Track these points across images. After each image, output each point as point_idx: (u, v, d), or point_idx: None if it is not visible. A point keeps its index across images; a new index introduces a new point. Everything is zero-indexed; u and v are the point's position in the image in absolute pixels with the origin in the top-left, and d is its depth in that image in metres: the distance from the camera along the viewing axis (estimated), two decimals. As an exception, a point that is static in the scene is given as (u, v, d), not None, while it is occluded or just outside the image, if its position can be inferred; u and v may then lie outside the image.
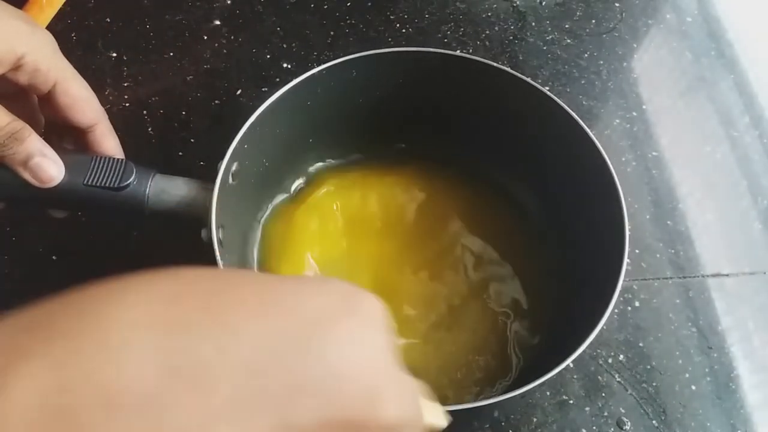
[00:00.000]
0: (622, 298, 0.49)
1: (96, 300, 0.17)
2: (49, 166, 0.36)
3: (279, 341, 0.17)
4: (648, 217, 0.54)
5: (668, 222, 0.53)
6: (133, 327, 0.16)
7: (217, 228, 0.38)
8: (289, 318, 0.18)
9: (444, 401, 0.41)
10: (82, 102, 0.38)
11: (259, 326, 0.17)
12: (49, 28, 0.58)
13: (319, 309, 0.18)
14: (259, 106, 0.42)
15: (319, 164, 0.51)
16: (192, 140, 0.54)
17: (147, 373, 0.16)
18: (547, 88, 0.57)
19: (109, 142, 0.40)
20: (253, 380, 0.16)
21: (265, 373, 0.17)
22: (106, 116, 0.40)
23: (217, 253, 0.37)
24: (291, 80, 0.43)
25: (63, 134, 0.40)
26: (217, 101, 0.56)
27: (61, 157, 0.37)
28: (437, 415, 0.22)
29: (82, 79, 0.39)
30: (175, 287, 0.18)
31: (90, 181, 0.38)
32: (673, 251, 0.52)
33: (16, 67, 0.35)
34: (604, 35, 0.64)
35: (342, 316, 0.18)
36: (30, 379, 0.15)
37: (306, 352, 0.17)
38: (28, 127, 0.36)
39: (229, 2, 0.63)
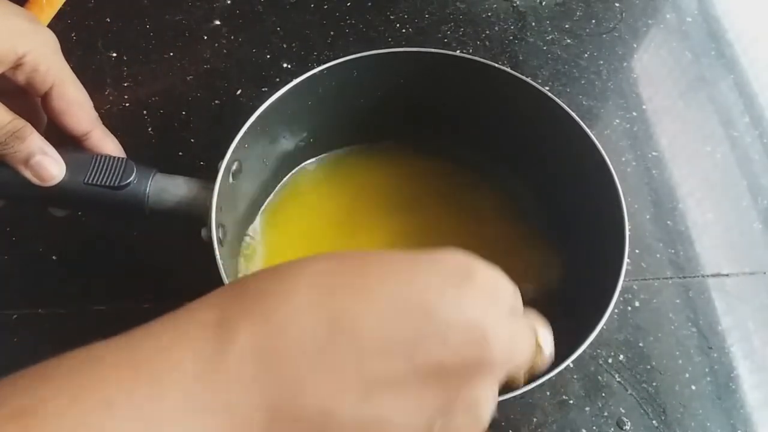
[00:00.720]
0: (622, 298, 0.49)
1: (289, 273, 0.24)
2: (50, 165, 0.36)
3: (407, 303, 0.23)
4: (648, 217, 0.54)
5: (668, 222, 0.53)
6: (307, 293, 0.23)
7: (217, 227, 0.38)
8: (415, 285, 0.23)
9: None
10: (76, 108, 0.38)
11: (392, 292, 0.23)
12: (49, 27, 0.59)
13: (438, 277, 0.24)
14: (259, 106, 0.42)
15: (319, 163, 0.51)
16: (192, 140, 0.54)
17: (317, 325, 0.22)
18: (547, 88, 0.57)
19: (107, 146, 0.40)
20: (387, 330, 0.22)
21: (395, 325, 0.22)
22: (100, 122, 0.40)
23: (217, 253, 0.37)
24: (291, 80, 0.43)
25: (63, 135, 0.40)
26: (217, 101, 0.56)
27: (62, 156, 0.37)
28: (546, 342, 0.27)
29: (80, 83, 0.38)
30: (336, 266, 0.24)
31: (90, 179, 0.38)
32: (673, 251, 0.52)
33: (16, 65, 0.35)
34: (604, 35, 0.64)
35: (455, 282, 0.24)
36: (248, 328, 0.22)
37: (426, 311, 0.22)
38: (29, 125, 0.36)
39: (229, 2, 0.63)
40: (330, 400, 0.21)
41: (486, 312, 0.24)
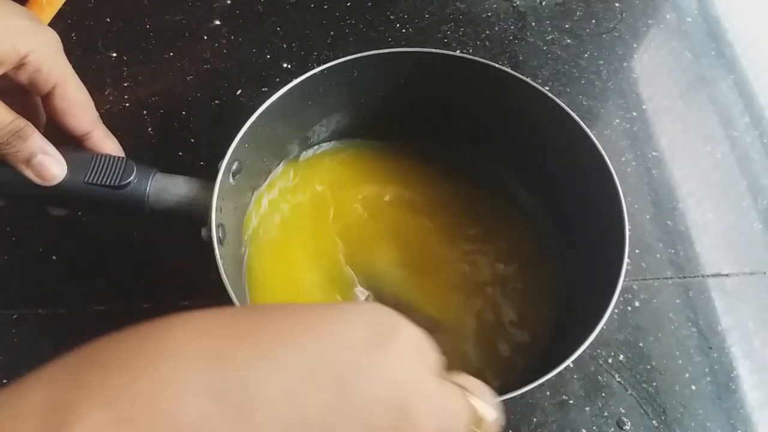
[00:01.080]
0: (622, 298, 0.49)
1: (148, 337, 0.19)
2: (51, 165, 0.36)
3: (316, 371, 0.19)
4: (648, 217, 0.54)
5: (668, 222, 0.53)
6: (184, 360, 0.18)
7: (217, 227, 0.38)
8: (325, 349, 0.19)
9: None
10: (77, 108, 0.38)
11: (297, 358, 0.19)
12: (49, 27, 0.59)
13: (353, 338, 0.20)
14: (259, 106, 0.41)
15: (319, 163, 0.51)
16: (192, 140, 0.54)
17: (197, 402, 0.17)
18: (547, 88, 0.57)
19: (107, 146, 0.40)
20: (293, 406, 0.18)
21: (304, 398, 0.18)
22: (101, 123, 0.40)
23: (217, 252, 0.37)
24: (291, 80, 0.43)
25: (63, 135, 0.40)
26: (217, 101, 0.56)
27: (62, 155, 0.37)
28: (486, 409, 0.23)
29: (81, 84, 0.38)
30: (220, 323, 0.20)
31: (91, 179, 0.38)
32: (673, 251, 0.52)
33: (19, 65, 0.35)
34: (604, 35, 0.64)
35: (374, 343, 0.20)
36: (91, 415, 0.16)
37: (340, 381, 0.19)
38: (30, 125, 0.36)
39: (229, 2, 0.63)
40: None
41: (411, 379, 0.20)
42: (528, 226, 0.48)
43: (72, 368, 0.18)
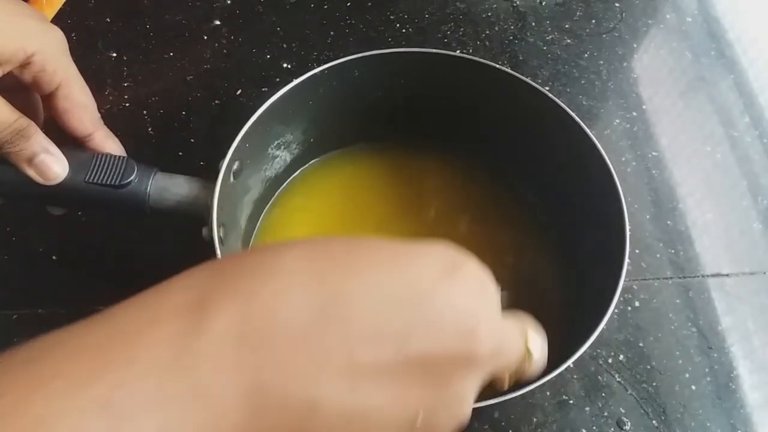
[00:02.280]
0: (622, 298, 0.49)
1: (265, 258, 0.22)
2: (53, 164, 0.37)
3: (399, 291, 0.22)
4: (648, 217, 0.54)
5: (668, 222, 0.54)
6: (295, 276, 0.22)
7: (218, 226, 0.38)
8: (407, 274, 0.23)
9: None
10: (80, 109, 0.38)
11: (384, 279, 0.22)
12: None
13: (429, 266, 0.23)
14: (259, 106, 0.42)
15: (319, 163, 0.51)
16: (192, 140, 0.54)
17: (305, 308, 0.21)
18: (547, 88, 0.57)
19: (108, 148, 0.40)
20: (378, 318, 0.21)
21: (387, 313, 0.21)
22: (103, 124, 0.40)
23: (218, 252, 0.37)
24: (291, 80, 0.43)
25: (64, 134, 0.40)
26: (217, 101, 0.56)
27: (64, 155, 0.37)
28: (536, 346, 0.26)
29: (85, 85, 0.38)
30: (322, 249, 0.23)
31: (91, 178, 0.38)
32: (673, 251, 0.52)
33: (24, 64, 0.35)
34: (604, 35, 0.64)
35: (446, 272, 0.23)
36: (227, 313, 0.20)
37: (421, 302, 0.22)
38: (33, 124, 0.36)
39: (229, 2, 0.63)
40: (316, 390, 0.20)
41: (477, 306, 0.23)
42: (528, 225, 0.48)
43: (209, 277, 0.22)
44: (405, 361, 0.21)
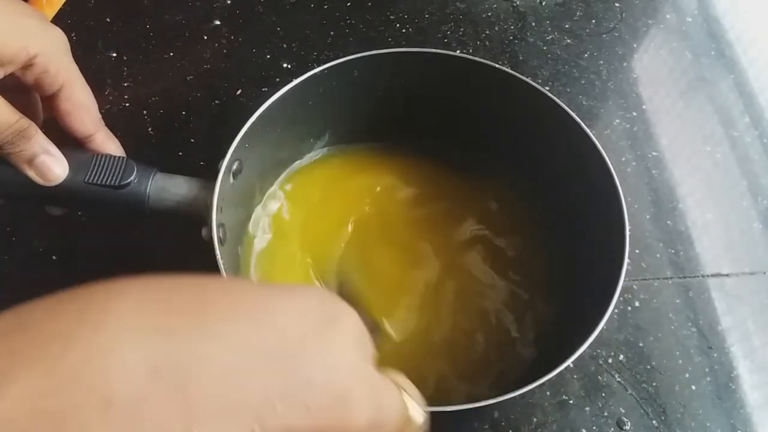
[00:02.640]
0: (622, 298, 0.49)
1: (87, 304, 0.18)
2: (53, 165, 0.37)
3: (257, 351, 0.18)
4: (648, 217, 0.54)
5: (668, 222, 0.53)
6: (122, 332, 0.17)
7: (218, 227, 0.38)
8: (269, 329, 0.19)
9: (442, 395, 0.41)
10: (82, 111, 0.38)
11: (239, 336, 0.18)
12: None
13: (297, 321, 0.20)
14: (259, 106, 0.42)
15: (319, 163, 0.51)
16: (192, 140, 0.54)
17: (133, 377, 0.16)
18: (547, 88, 0.57)
19: (108, 148, 0.40)
20: (230, 386, 0.17)
21: (242, 380, 0.18)
22: (104, 125, 0.40)
23: (218, 252, 0.37)
24: (291, 80, 0.43)
25: (64, 135, 0.40)
26: (217, 101, 0.56)
27: (64, 155, 0.37)
28: (417, 410, 0.23)
29: (87, 86, 0.38)
30: (162, 295, 0.19)
31: (91, 179, 0.38)
32: (673, 251, 0.52)
33: (26, 65, 0.35)
34: (604, 35, 0.64)
35: (318, 328, 0.20)
36: (21, 384, 0.16)
37: (282, 362, 0.18)
38: (34, 125, 0.36)
39: (229, 2, 0.63)
40: None
41: (352, 369, 0.20)
42: (527, 225, 0.48)
43: (6, 334, 0.17)
44: None
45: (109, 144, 0.40)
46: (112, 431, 0.16)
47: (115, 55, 0.58)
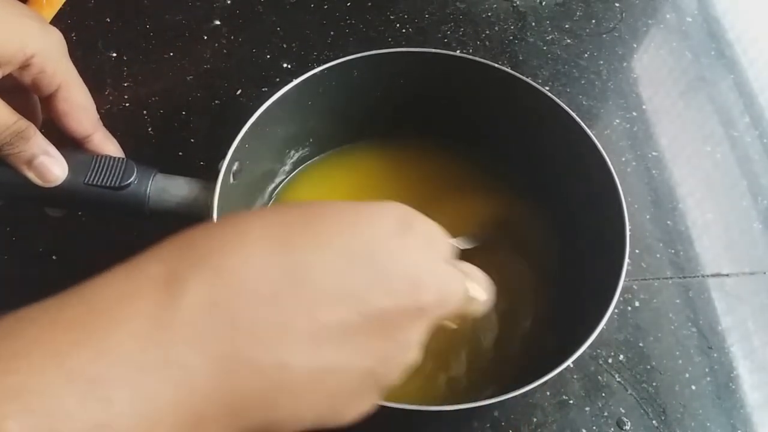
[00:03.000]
0: (622, 298, 0.49)
1: (228, 227, 0.24)
2: (53, 166, 0.37)
3: (356, 254, 0.24)
4: (648, 217, 0.54)
5: (668, 222, 0.53)
6: (259, 243, 0.23)
7: (218, 228, 0.38)
8: (362, 236, 0.25)
9: (442, 395, 0.41)
10: (80, 111, 0.38)
11: (341, 243, 0.24)
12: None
13: (380, 229, 0.25)
14: (259, 106, 0.42)
15: (319, 163, 0.51)
16: (192, 140, 0.54)
17: (270, 275, 0.22)
18: (547, 88, 0.57)
19: (107, 149, 0.40)
20: (338, 280, 0.23)
21: (346, 275, 0.23)
22: (102, 125, 0.40)
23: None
24: (291, 80, 0.43)
25: (63, 136, 0.40)
26: (217, 101, 0.56)
27: (63, 156, 0.37)
28: (478, 292, 0.28)
29: (85, 86, 0.38)
30: (280, 218, 0.25)
31: (91, 180, 0.38)
32: (673, 251, 0.52)
33: (24, 66, 0.35)
34: (604, 35, 0.64)
35: (395, 233, 0.25)
36: (199, 282, 0.22)
37: (374, 261, 0.24)
38: (33, 126, 0.36)
39: (229, 2, 0.63)
40: (285, 353, 0.22)
41: (423, 260, 0.25)
42: (528, 225, 0.48)
43: (180, 249, 0.23)
44: (363, 319, 0.23)
45: (107, 144, 0.40)
46: (262, 319, 0.22)
47: (115, 55, 0.58)
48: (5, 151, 0.35)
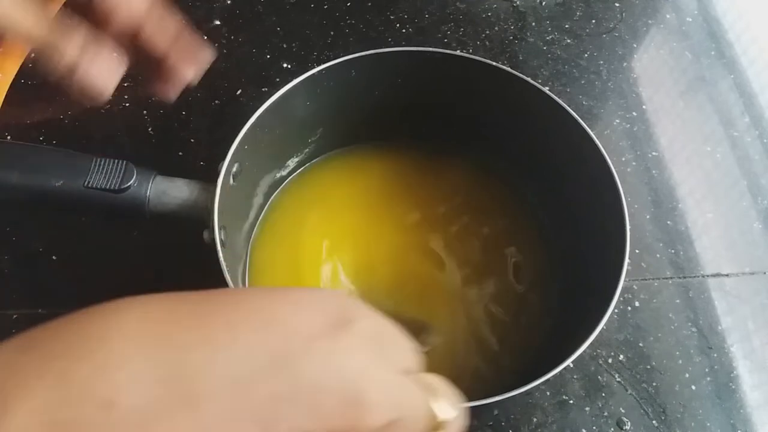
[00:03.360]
0: (622, 298, 0.49)
1: (91, 320, 0.18)
2: (100, 74, 0.30)
3: (263, 357, 0.18)
4: (648, 217, 0.54)
5: (668, 222, 0.53)
6: (127, 344, 0.17)
7: (219, 229, 0.38)
8: (274, 334, 0.19)
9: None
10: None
11: (244, 342, 0.18)
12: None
13: (305, 324, 0.19)
14: (259, 106, 0.41)
15: (319, 163, 0.51)
16: (192, 140, 0.54)
17: (140, 386, 0.16)
18: (547, 88, 0.57)
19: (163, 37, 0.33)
20: (240, 392, 0.17)
21: (249, 385, 0.17)
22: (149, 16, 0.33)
23: (220, 254, 0.37)
24: (291, 80, 0.43)
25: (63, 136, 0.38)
26: (217, 101, 0.56)
27: (61, 160, 0.37)
28: (447, 412, 0.22)
29: None
30: (166, 307, 0.19)
31: (90, 183, 0.37)
32: (673, 251, 0.52)
33: None
34: (604, 35, 0.64)
35: (327, 330, 0.19)
36: (31, 399, 0.16)
37: (290, 366, 0.18)
38: (72, 33, 0.30)
39: (229, 2, 0.63)
40: None
41: (365, 369, 0.19)
42: (527, 225, 0.48)
43: (9, 356, 0.17)
44: None
45: (163, 31, 0.33)
46: None
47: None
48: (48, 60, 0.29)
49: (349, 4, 0.63)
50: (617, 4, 0.66)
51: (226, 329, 0.18)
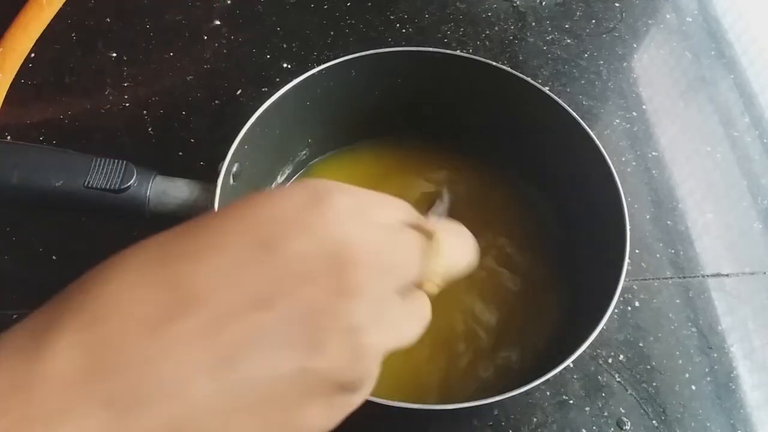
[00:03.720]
0: (622, 298, 0.49)
1: (106, 265, 0.20)
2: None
3: (251, 244, 0.20)
4: (648, 217, 0.54)
5: (668, 222, 0.54)
6: (136, 270, 0.20)
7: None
8: (258, 222, 0.20)
9: (442, 394, 0.41)
10: None
11: (233, 239, 0.20)
12: (49, 28, 0.59)
13: (287, 207, 0.21)
14: (259, 106, 0.42)
15: (318, 163, 0.51)
16: (192, 140, 0.54)
17: (153, 297, 0.19)
18: (547, 88, 0.57)
19: None
20: (234, 283, 0.19)
21: (244, 274, 0.19)
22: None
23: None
24: (291, 80, 0.43)
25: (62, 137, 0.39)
26: (217, 101, 0.56)
27: (61, 158, 0.37)
28: (457, 253, 0.23)
29: None
30: (165, 238, 0.21)
31: (90, 183, 0.38)
32: (673, 251, 0.52)
33: None
34: (604, 35, 0.64)
35: (307, 207, 0.21)
36: (67, 326, 0.18)
37: (274, 247, 0.20)
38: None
39: (229, 2, 0.63)
40: (182, 400, 0.18)
41: (346, 229, 0.20)
42: (528, 225, 0.48)
43: (45, 312, 0.20)
44: (277, 318, 0.19)
45: None
46: (156, 353, 0.18)
47: (115, 55, 0.58)
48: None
49: (349, 4, 0.63)
50: (617, 4, 0.66)
51: (218, 235, 0.20)
